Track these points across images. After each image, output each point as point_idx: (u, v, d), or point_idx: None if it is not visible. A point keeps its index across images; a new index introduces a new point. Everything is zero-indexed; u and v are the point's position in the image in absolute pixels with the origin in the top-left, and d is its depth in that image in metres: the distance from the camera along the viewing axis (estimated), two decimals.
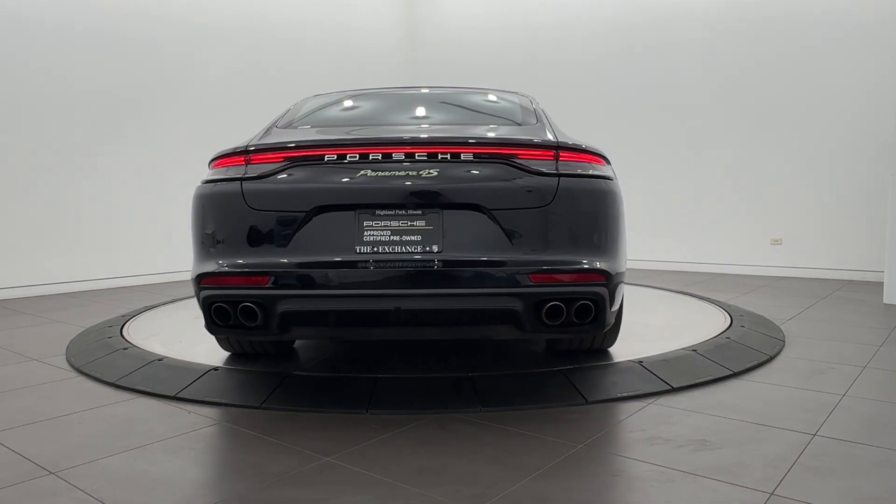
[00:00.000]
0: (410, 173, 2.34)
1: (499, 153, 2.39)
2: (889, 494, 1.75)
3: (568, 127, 7.84)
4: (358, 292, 2.32)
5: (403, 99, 3.36)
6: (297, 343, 3.34)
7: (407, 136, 2.53)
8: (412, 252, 2.30)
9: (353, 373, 2.75)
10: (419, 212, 2.34)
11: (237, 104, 6.92)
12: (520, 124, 2.84)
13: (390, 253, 2.31)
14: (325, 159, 2.40)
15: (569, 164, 2.43)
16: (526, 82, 8.16)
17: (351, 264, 2.31)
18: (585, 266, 2.34)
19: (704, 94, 7.01)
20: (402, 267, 2.29)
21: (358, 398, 2.52)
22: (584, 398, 2.53)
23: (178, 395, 2.64)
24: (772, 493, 1.75)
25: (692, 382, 2.74)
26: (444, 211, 2.33)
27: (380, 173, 2.35)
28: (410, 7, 9.20)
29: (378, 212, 2.34)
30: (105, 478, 1.89)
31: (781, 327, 3.89)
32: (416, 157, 2.36)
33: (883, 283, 5.12)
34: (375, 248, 2.31)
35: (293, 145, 2.51)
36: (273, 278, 2.32)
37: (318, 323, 2.45)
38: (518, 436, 2.20)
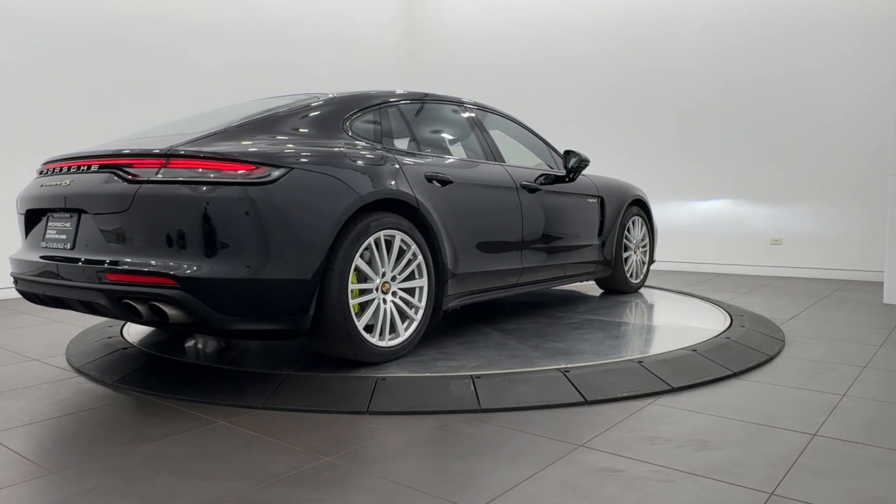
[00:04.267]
0: (59, 183, 2.79)
1: (108, 163, 2.64)
2: (889, 494, 1.75)
3: (568, 125, 7.74)
4: (33, 279, 2.87)
5: (207, 115, 3.42)
6: (296, 343, 3.34)
7: (71, 153, 2.90)
8: (59, 249, 2.77)
9: (352, 373, 2.75)
10: (68, 215, 2.76)
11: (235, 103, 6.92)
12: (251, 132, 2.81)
13: (51, 249, 2.82)
14: (43, 172, 3.00)
15: (174, 171, 2.50)
16: (526, 82, 8.17)
17: (36, 257, 2.87)
18: (147, 269, 2.44)
19: (705, 94, 7.01)
20: (51, 260, 2.77)
21: (358, 398, 2.52)
22: (584, 398, 2.54)
23: (178, 396, 2.64)
24: (772, 493, 1.75)
25: (692, 382, 2.74)
26: (81, 215, 2.68)
27: (47, 184, 2.87)
28: (410, 6, 9.20)
29: (53, 215, 2.85)
30: (105, 478, 1.89)
31: (781, 327, 3.89)
32: (71, 170, 2.80)
33: (883, 283, 5.13)
34: (47, 245, 2.85)
35: (44, 161, 3.06)
36: (12, 266, 3.04)
37: (34, 301, 2.99)
38: (518, 436, 2.20)
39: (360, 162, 2.89)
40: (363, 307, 2.83)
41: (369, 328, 2.86)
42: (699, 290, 5.43)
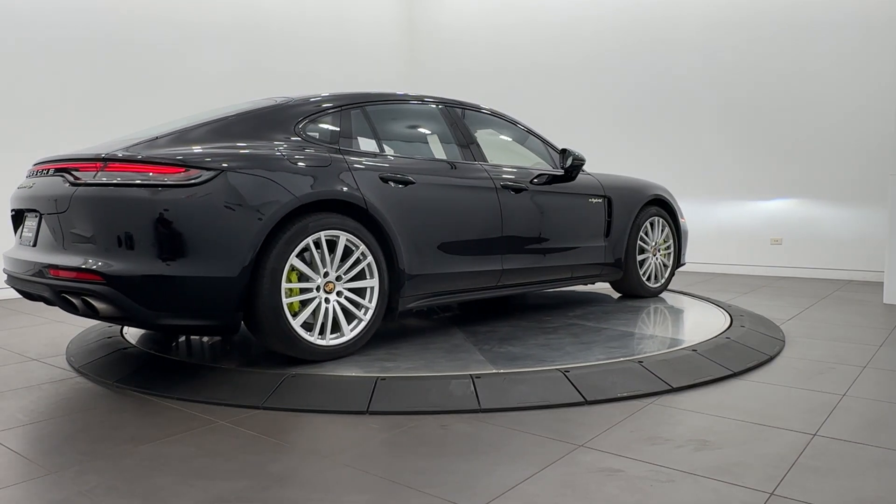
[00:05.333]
0: (28, 185, 2.99)
1: (60, 167, 2.80)
2: (889, 494, 1.75)
3: (568, 125, 7.69)
4: (12, 274, 3.03)
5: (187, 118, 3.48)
6: None
7: (52, 156, 3.00)
8: (27, 245, 2.97)
9: (352, 373, 2.75)
10: (34, 215, 2.94)
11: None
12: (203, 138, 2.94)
13: (23, 246, 3.02)
14: (28, 174, 3.12)
15: (109, 174, 2.64)
16: (527, 81, 8.17)
17: (15, 254, 3.05)
18: (78, 266, 2.61)
19: (705, 94, 7.01)
20: (22, 257, 2.95)
21: (358, 398, 2.52)
22: (584, 398, 2.54)
23: (178, 396, 2.64)
24: (772, 493, 1.75)
25: (692, 382, 2.74)
26: (42, 216, 2.85)
27: (23, 186, 3.06)
28: (410, 7, 9.20)
29: (28, 215, 3.03)
30: (105, 478, 1.89)
31: (781, 327, 3.89)
32: (38, 174, 2.96)
33: (883, 283, 5.13)
34: (22, 242, 3.06)
35: (33, 163, 3.16)
36: (3, 262, 3.16)
37: (21, 294, 3.09)
38: (518, 436, 2.20)
39: (300, 164, 2.92)
40: (304, 306, 2.87)
41: (312, 326, 2.89)
42: (699, 290, 5.43)
